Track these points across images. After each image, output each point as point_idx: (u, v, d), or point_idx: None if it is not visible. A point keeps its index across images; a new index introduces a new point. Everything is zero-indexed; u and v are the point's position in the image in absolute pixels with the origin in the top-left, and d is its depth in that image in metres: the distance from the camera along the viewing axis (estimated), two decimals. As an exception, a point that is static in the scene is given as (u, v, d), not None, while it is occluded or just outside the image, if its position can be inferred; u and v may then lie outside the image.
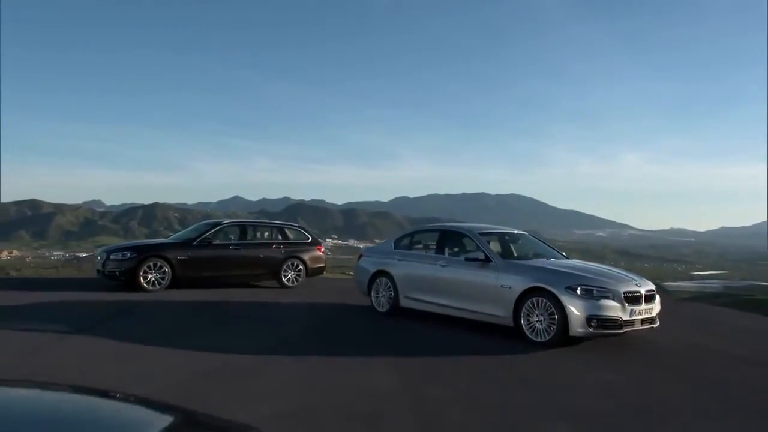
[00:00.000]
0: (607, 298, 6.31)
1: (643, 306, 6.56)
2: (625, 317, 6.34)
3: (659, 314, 6.89)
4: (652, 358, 6.13)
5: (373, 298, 8.62)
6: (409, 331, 7.29)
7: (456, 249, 7.94)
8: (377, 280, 8.56)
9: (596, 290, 6.33)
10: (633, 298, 6.47)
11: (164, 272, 10.39)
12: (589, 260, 8.74)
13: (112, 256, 10.39)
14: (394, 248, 8.65)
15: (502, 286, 6.85)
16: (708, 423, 4.12)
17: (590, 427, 3.96)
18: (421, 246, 8.61)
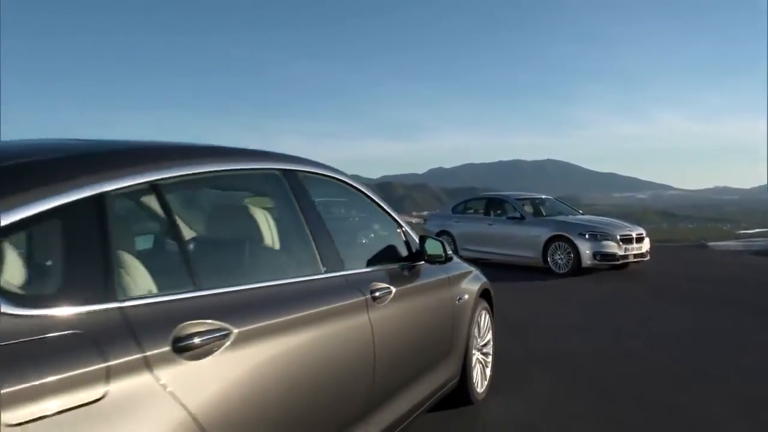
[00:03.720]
0: (607, 239, 9.12)
1: (635, 245, 9.35)
2: (621, 253, 9.14)
3: (649, 251, 9.67)
4: (638, 279, 8.90)
5: (437, 252, 11.56)
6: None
7: (499, 211, 10.79)
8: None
9: (599, 234, 9.15)
10: (627, 239, 9.26)
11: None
12: (629, 223, 10.44)
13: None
14: (452, 213, 11.56)
15: (533, 235, 9.70)
16: (655, 305, 6.92)
17: (584, 306, 6.84)
18: (472, 211, 11.48)
